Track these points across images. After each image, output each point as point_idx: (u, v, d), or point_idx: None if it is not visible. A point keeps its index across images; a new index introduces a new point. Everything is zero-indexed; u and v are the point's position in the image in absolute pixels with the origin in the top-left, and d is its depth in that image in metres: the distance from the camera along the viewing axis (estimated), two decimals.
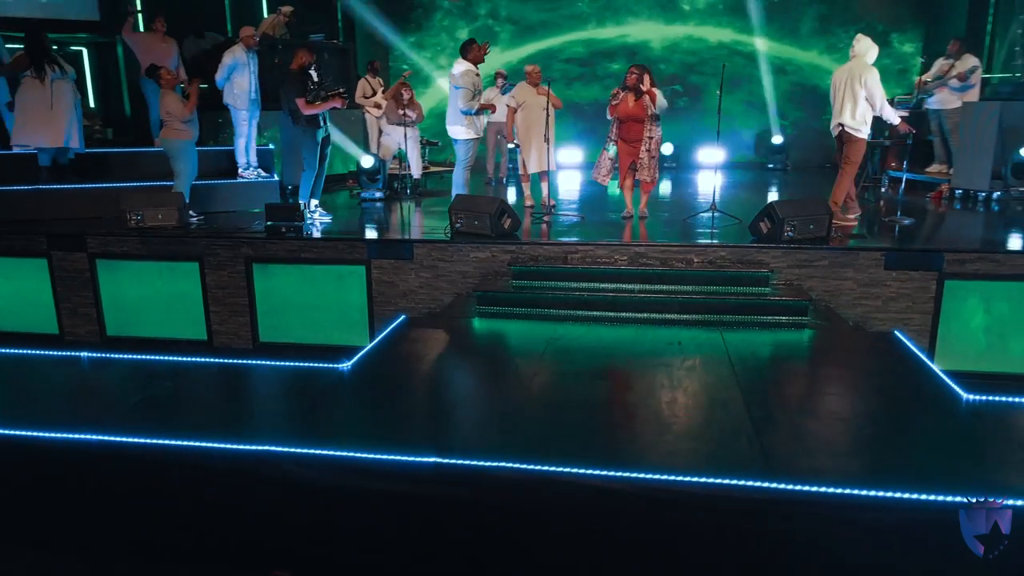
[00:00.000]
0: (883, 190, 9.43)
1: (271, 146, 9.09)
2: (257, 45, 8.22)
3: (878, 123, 10.46)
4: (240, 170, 8.46)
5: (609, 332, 5.32)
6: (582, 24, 13.36)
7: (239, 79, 8.05)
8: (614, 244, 6.27)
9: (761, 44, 12.63)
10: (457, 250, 6.39)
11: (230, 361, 5.09)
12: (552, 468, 3.25)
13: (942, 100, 9.19)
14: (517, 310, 5.82)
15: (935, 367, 4.48)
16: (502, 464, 3.29)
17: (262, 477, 3.55)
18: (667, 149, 12.75)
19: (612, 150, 7.23)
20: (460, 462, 3.36)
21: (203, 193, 7.92)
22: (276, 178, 8.63)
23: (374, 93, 10.09)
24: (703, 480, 3.11)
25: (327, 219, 7.57)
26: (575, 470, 3.21)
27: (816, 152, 12.88)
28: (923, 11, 12.53)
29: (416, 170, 9.55)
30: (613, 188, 8.39)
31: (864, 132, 6.63)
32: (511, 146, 9.93)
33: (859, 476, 3.18)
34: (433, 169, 10.78)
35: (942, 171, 9.51)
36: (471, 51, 7.13)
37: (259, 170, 8.57)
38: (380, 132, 9.89)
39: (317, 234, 6.86)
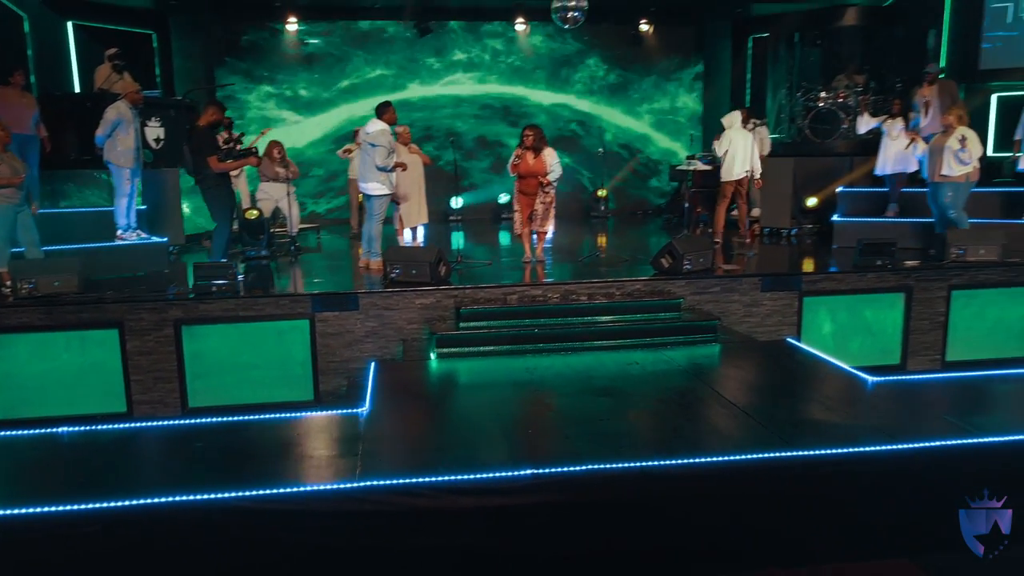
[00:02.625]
0: (700, 227, 11.24)
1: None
2: (142, 102, 7.88)
3: (681, 174, 12.50)
4: (120, 232, 7.95)
5: (573, 360, 6.02)
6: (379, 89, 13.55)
7: (123, 137, 7.65)
8: (547, 284, 7.04)
9: (583, 104, 14.27)
10: (403, 298, 6.73)
11: (229, 419, 4.99)
12: (640, 463, 3.89)
13: None
14: (476, 349, 6.29)
15: (837, 362, 5.79)
16: (600, 466, 3.86)
17: (367, 513, 3.75)
18: (457, 201, 13.51)
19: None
20: (559, 470, 3.86)
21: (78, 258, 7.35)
22: (162, 240, 8.22)
23: None
24: (761, 456, 3.96)
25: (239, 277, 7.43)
26: (668, 462, 3.88)
27: (628, 202, 14.74)
28: (697, 91, 14.92)
29: (295, 227, 9.57)
30: (481, 238, 9.15)
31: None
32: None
33: (856, 438, 4.21)
34: (302, 226, 10.77)
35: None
36: (387, 112, 7.58)
37: (139, 231, 8.11)
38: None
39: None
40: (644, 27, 13.84)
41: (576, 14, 9.36)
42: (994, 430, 4.35)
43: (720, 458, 3.94)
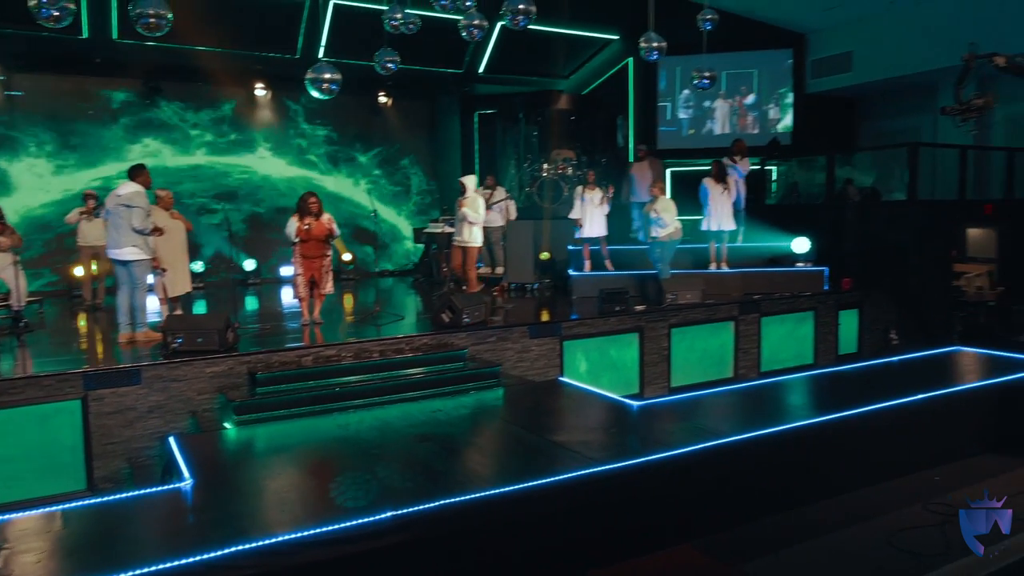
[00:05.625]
0: (451, 285, 12.08)
1: None
2: None
3: (429, 236, 13.36)
4: None
5: (380, 413, 6.26)
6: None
7: None
8: (339, 344, 7.19)
9: (316, 173, 14.50)
10: (191, 367, 6.42)
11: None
12: (486, 493, 4.36)
13: (490, 219, 12.35)
14: (276, 413, 6.23)
15: (605, 393, 6.82)
16: (451, 500, 4.25)
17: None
18: (197, 267, 13.16)
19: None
20: (415, 508, 4.16)
21: None
22: None
23: None
24: (582, 472, 4.66)
25: None
26: (510, 488, 4.39)
27: (362, 265, 15.10)
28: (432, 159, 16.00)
29: (21, 300, 8.45)
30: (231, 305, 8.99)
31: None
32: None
33: (628, 453, 5.12)
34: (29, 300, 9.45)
35: (492, 272, 12.68)
36: (141, 174, 7.25)
37: None
38: None
39: None
40: (383, 99, 14.63)
41: (332, 86, 9.75)
42: (725, 432, 5.59)
43: (555, 478, 4.57)
